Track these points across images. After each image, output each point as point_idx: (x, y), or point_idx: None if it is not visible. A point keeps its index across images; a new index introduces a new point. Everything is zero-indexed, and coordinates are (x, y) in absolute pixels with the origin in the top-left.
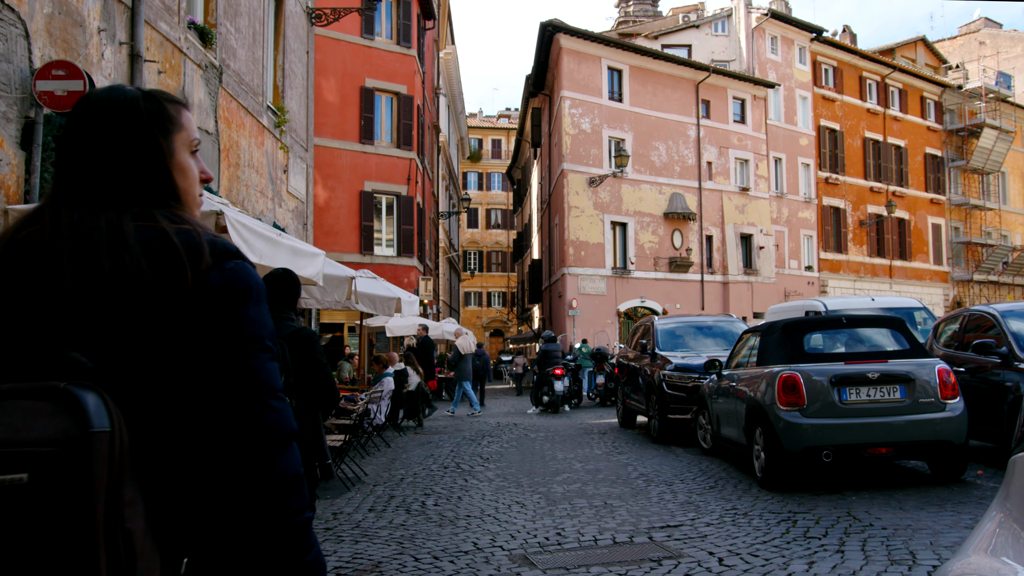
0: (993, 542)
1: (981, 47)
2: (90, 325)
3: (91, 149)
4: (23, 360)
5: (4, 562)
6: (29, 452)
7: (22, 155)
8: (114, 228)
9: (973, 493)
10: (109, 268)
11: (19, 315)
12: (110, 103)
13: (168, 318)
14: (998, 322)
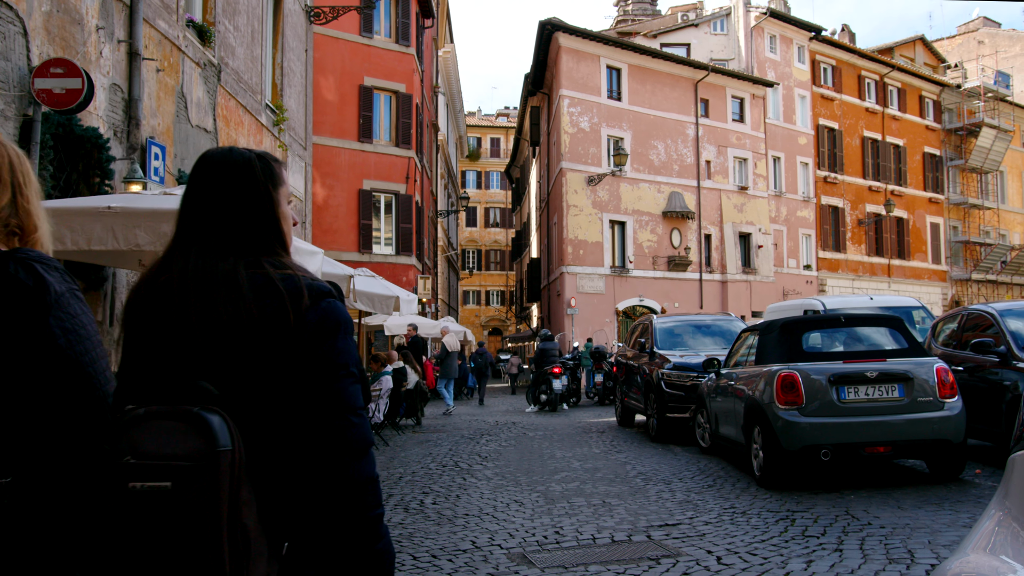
0: (992, 541)
1: (980, 46)
2: (214, 358)
3: (214, 203)
4: (164, 387)
5: (153, 548)
6: (172, 465)
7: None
8: (230, 277)
9: (971, 492)
10: (226, 313)
11: (160, 349)
12: (231, 163)
13: (274, 351)
14: (996, 321)
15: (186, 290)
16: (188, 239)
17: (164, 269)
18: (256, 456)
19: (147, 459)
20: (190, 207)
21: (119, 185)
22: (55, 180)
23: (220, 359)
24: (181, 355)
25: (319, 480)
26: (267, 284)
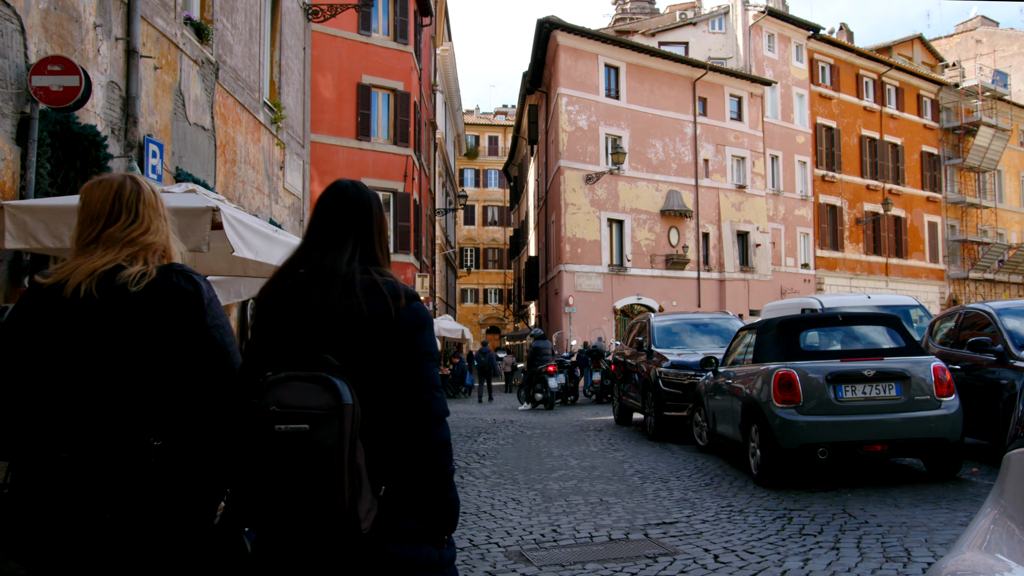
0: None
1: (978, 45)
2: (333, 340)
3: (341, 224)
4: (298, 358)
5: (292, 475)
6: (310, 412)
7: (18, 151)
8: (349, 279)
9: (968, 491)
10: (344, 307)
11: (290, 331)
12: (358, 196)
13: (378, 338)
14: (994, 320)
15: (312, 288)
16: (315, 248)
17: (290, 271)
18: (364, 416)
19: (288, 409)
20: (321, 224)
21: None
22: (52, 178)
23: (338, 342)
24: (307, 337)
25: (409, 440)
26: (374, 286)
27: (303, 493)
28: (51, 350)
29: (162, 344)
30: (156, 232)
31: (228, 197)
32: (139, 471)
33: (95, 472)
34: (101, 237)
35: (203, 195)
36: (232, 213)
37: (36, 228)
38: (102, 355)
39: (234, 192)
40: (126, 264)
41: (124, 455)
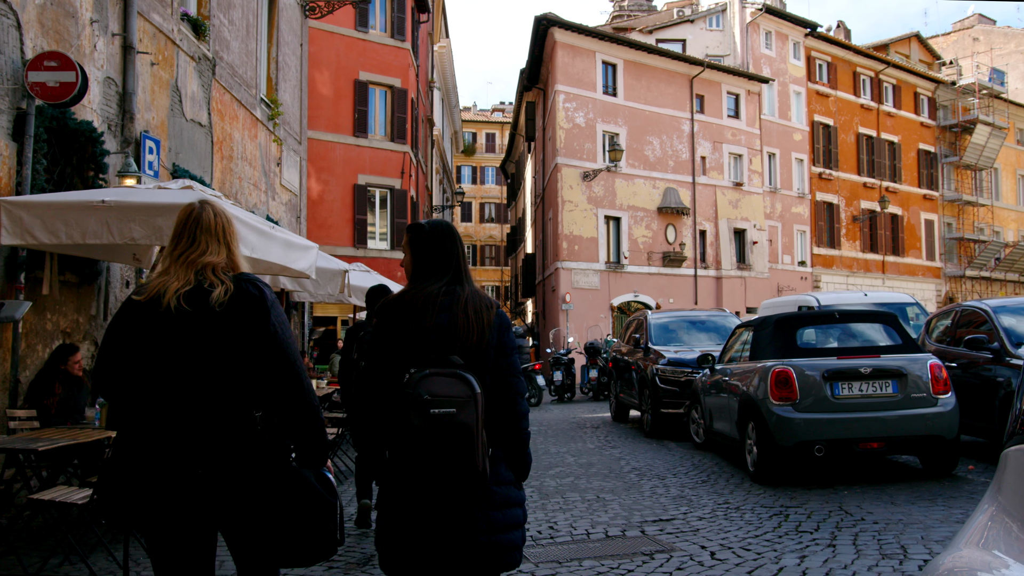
0: (985, 535)
1: (975, 43)
2: (452, 344)
3: (433, 251)
4: (433, 359)
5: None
6: (454, 399)
7: (14, 146)
8: (456, 295)
9: (964, 488)
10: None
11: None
12: (445, 231)
13: (484, 339)
14: (990, 318)
15: (436, 303)
16: (422, 275)
17: (408, 292)
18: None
19: (438, 397)
20: (422, 256)
21: (113, 179)
22: (49, 174)
23: (456, 345)
24: (433, 342)
25: (504, 413)
26: (477, 300)
27: (452, 455)
28: (156, 348)
29: (241, 339)
30: (213, 254)
31: (225, 193)
32: (248, 434)
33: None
34: (174, 257)
35: (200, 191)
36: (229, 209)
37: (32, 224)
38: (200, 351)
39: (231, 188)
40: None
41: (233, 424)
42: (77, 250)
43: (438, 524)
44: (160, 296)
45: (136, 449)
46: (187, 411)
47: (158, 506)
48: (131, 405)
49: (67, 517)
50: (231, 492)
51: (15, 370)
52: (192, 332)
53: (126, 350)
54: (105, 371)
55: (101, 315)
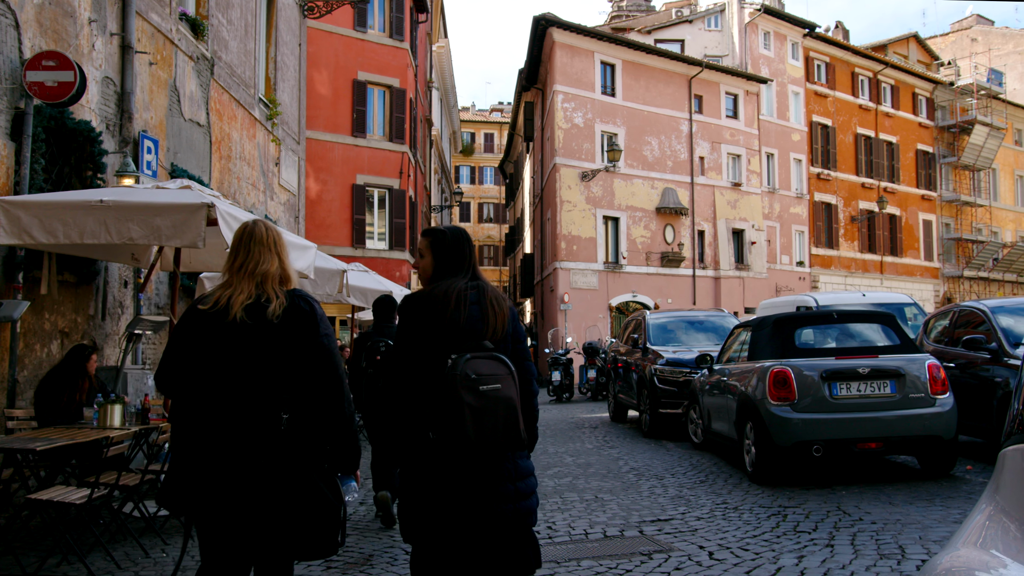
0: (982, 535)
1: (973, 44)
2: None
3: (455, 253)
4: (469, 344)
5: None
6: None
7: (12, 146)
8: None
9: (962, 488)
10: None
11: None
12: (464, 233)
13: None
14: (988, 318)
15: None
16: (444, 274)
17: (437, 288)
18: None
19: (483, 375)
20: (444, 257)
21: (111, 178)
22: (47, 173)
23: (487, 332)
24: (467, 330)
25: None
26: (496, 293)
27: (503, 428)
28: (217, 354)
29: (291, 349)
30: (265, 262)
31: (223, 193)
32: (272, 434)
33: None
34: (234, 270)
35: (198, 191)
36: (227, 209)
37: (30, 224)
38: (253, 358)
39: (229, 188)
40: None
41: (265, 424)
42: (75, 250)
43: (477, 495)
44: (227, 307)
45: (192, 445)
46: (233, 411)
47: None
48: (190, 403)
49: (65, 517)
50: (255, 483)
51: (13, 370)
52: (249, 341)
53: (189, 354)
54: (169, 372)
55: (99, 315)
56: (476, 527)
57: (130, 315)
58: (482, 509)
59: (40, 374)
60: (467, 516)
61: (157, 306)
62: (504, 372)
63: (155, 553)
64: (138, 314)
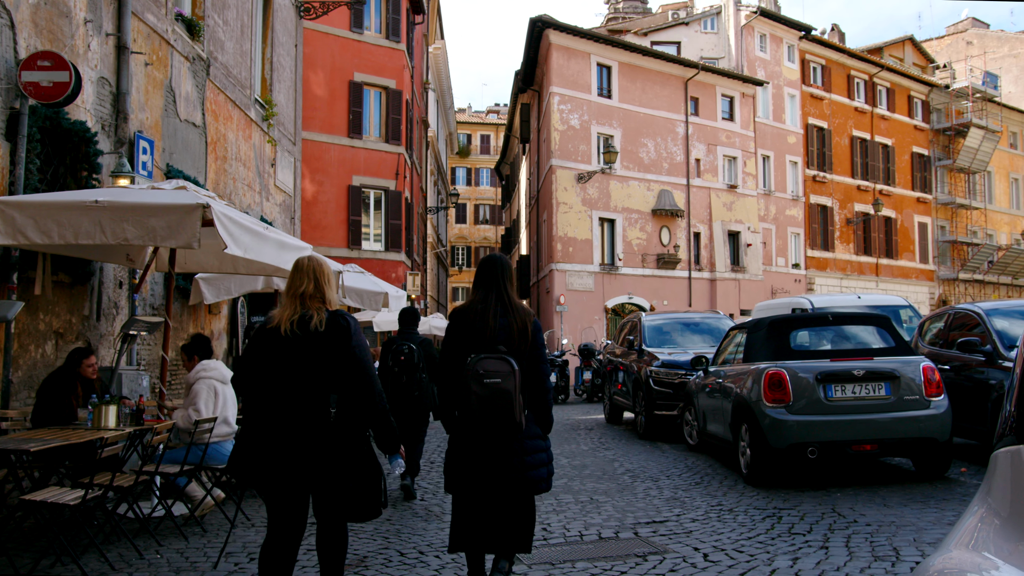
0: (975, 537)
1: (968, 47)
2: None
3: (495, 275)
4: (485, 347)
5: (493, 404)
6: (500, 373)
7: (7, 146)
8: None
9: (956, 490)
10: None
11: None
12: (502, 260)
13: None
14: (983, 320)
15: (488, 311)
16: (483, 288)
17: (474, 303)
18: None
19: (489, 371)
20: (484, 276)
21: (107, 179)
22: (42, 174)
23: (511, 340)
24: (488, 336)
25: (535, 388)
26: (520, 307)
27: (500, 412)
28: (274, 360)
29: (332, 355)
30: (303, 285)
31: (219, 194)
32: (323, 421)
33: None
34: (287, 294)
35: (194, 192)
36: (223, 210)
37: (25, 224)
38: (306, 363)
39: (225, 189)
40: (307, 312)
41: (319, 414)
42: (70, 250)
43: (490, 461)
44: (279, 324)
45: (258, 431)
46: (290, 405)
47: (270, 471)
48: (258, 399)
49: (59, 518)
50: (314, 462)
51: (7, 371)
52: (297, 348)
53: (256, 362)
54: (242, 377)
55: (94, 315)
56: (490, 484)
57: (125, 316)
58: (494, 472)
59: (35, 375)
60: (482, 475)
61: (152, 307)
62: (507, 371)
63: (149, 554)
64: (133, 315)
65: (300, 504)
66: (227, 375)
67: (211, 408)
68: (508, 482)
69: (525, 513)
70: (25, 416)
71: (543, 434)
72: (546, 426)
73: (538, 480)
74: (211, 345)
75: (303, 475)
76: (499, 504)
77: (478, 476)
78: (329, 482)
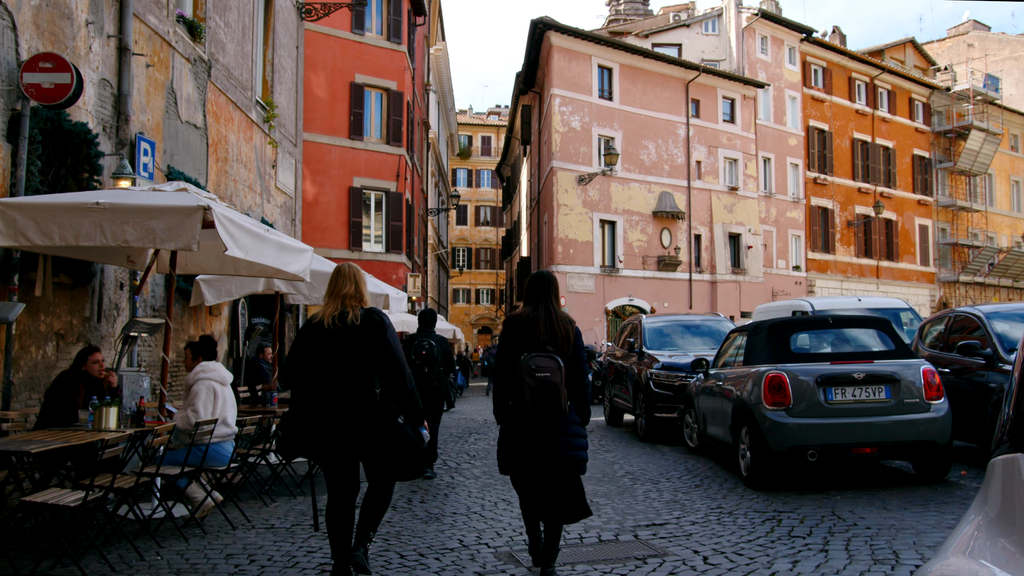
0: (972, 544)
1: (969, 49)
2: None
3: (544, 289)
4: (536, 348)
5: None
6: (549, 367)
7: (8, 148)
8: (555, 312)
9: (956, 493)
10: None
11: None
12: (542, 277)
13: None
14: (983, 323)
15: (538, 318)
16: (533, 300)
17: (525, 312)
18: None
19: (540, 367)
20: (535, 290)
21: (108, 180)
22: (43, 175)
23: (556, 343)
24: (539, 339)
25: (576, 382)
26: (564, 315)
27: (548, 400)
28: (320, 350)
29: (368, 345)
30: (345, 287)
31: (220, 196)
32: (371, 401)
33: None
34: (330, 294)
35: (195, 194)
36: (224, 212)
37: (26, 226)
38: (349, 355)
39: (226, 191)
40: (346, 310)
41: (366, 399)
42: (71, 252)
43: (540, 443)
44: (322, 320)
45: (309, 411)
46: (338, 387)
47: (325, 443)
48: (307, 385)
49: (60, 519)
50: (363, 433)
51: (8, 372)
52: (338, 339)
53: (304, 352)
54: (291, 367)
55: (95, 317)
56: (537, 463)
57: (126, 317)
58: (541, 451)
59: (36, 376)
60: (531, 455)
61: (153, 308)
62: (555, 367)
63: (149, 556)
64: (134, 316)
65: (352, 469)
66: (227, 377)
67: (210, 409)
68: (555, 460)
69: (575, 487)
70: (26, 417)
71: (582, 423)
72: (585, 416)
73: (581, 460)
74: (216, 348)
75: (354, 445)
76: (548, 481)
77: (529, 457)
78: (377, 450)
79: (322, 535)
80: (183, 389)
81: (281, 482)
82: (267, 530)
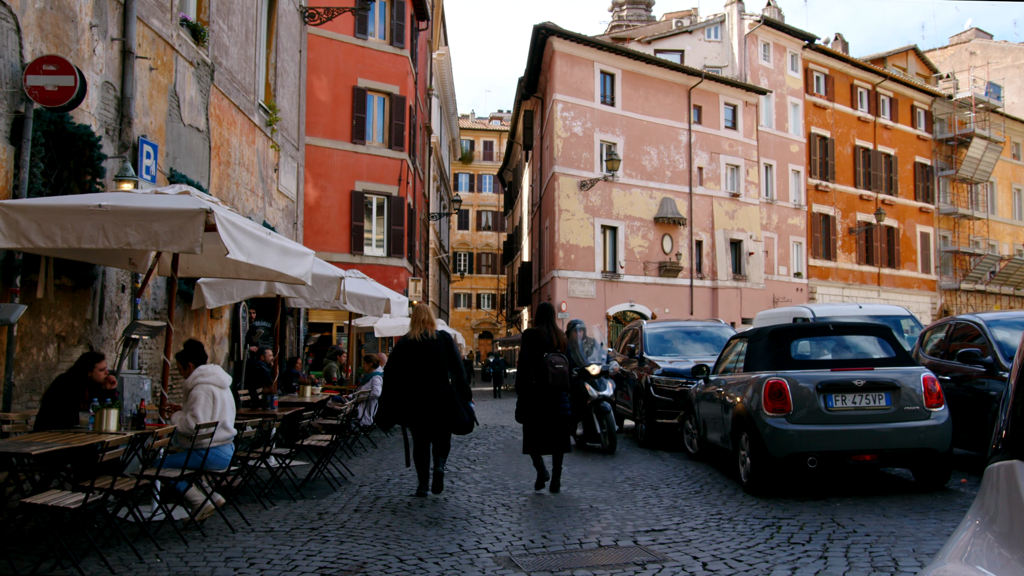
0: (968, 550)
1: (971, 57)
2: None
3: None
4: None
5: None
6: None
7: (11, 150)
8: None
9: (956, 501)
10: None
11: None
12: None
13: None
14: (984, 331)
15: (549, 332)
16: (543, 320)
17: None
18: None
19: (555, 362)
20: (543, 314)
21: (110, 183)
22: (46, 177)
23: (558, 346)
24: (552, 345)
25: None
26: (560, 331)
27: (561, 382)
28: (414, 357)
29: (441, 352)
30: (427, 317)
31: (222, 199)
32: (447, 389)
33: (432, 390)
34: (416, 321)
35: (197, 197)
36: (226, 215)
37: (28, 228)
38: (431, 358)
39: (228, 194)
40: (424, 330)
41: (442, 385)
42: (73, 254)
43: (550, 405)
44: (414, 337)
45: (404, 394)
46: (425, 379)
47: (415, 415)
48: (403, 378)
49: (60, 521)
50: (439, 408)
51: (9, 374)
52: (423, 350)
53: (402, 358)
54: (393, 366)
55: (96, 319)
56: (546, 418)
57: (127, 320)
58: (550, 410)
59: (37, 378)
60: (542, 413)
61: (154, 311)
62: (564, 361)
63: (149, 558)
64: (135, 319)
65: (430, 429)
66: (225, 380)
67: (209, 413)
68: (560, 413)
69: (565, 431)
70: (27, 419)
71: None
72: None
73: (569, 415)
74: (204, 350)
75: (434, 414)
76: (551, 426)
77: (542, 413)
78: (447, 417)
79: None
80: (183, 393)
81: (281, 485)
82: (266, 533)
